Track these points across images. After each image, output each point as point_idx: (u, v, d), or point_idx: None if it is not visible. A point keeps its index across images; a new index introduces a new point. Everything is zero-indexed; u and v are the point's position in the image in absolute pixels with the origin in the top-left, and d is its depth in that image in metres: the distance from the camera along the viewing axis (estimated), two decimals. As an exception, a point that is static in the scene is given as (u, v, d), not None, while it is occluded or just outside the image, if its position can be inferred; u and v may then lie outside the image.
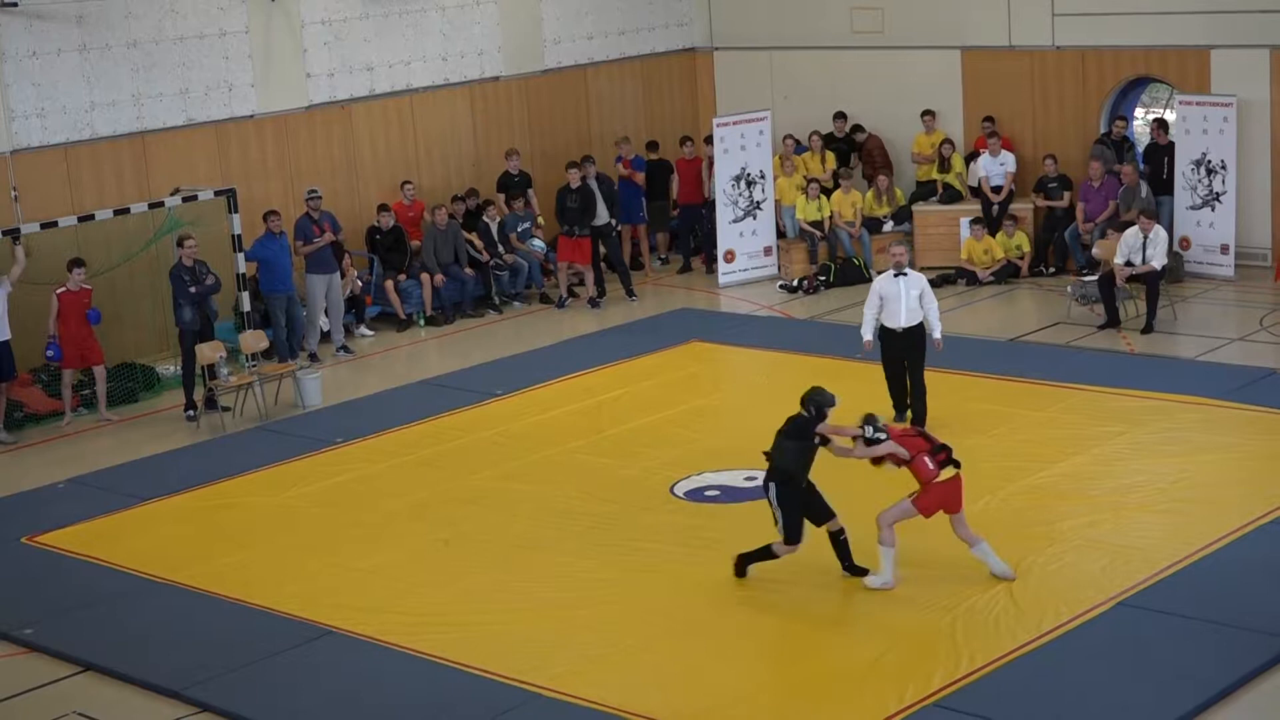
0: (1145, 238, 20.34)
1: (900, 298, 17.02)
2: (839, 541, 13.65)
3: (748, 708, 11.71)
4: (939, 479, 13.33)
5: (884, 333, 17.24)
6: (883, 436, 13.38)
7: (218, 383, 19.65)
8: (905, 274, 17.11)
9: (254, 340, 20.41)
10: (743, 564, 13.79)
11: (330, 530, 15.65)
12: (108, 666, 13.13)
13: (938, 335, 17.28)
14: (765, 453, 13.58)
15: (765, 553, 13.66)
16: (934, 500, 13.36)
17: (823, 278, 23.81)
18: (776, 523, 13.55)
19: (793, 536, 13.48)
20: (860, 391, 18.19)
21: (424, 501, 16.22)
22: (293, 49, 22.97)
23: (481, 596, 13.88)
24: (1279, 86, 22.24)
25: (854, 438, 13.49)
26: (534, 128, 25.69)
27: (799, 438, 13.45)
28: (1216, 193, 22.40)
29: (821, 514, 13.63)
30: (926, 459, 13.33)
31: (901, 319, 17.07)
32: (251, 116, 22.63)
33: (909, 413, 17.24)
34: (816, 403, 13.49)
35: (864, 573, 13.52)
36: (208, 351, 19.53)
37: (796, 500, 13.46)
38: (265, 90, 22.70)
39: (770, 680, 12.10)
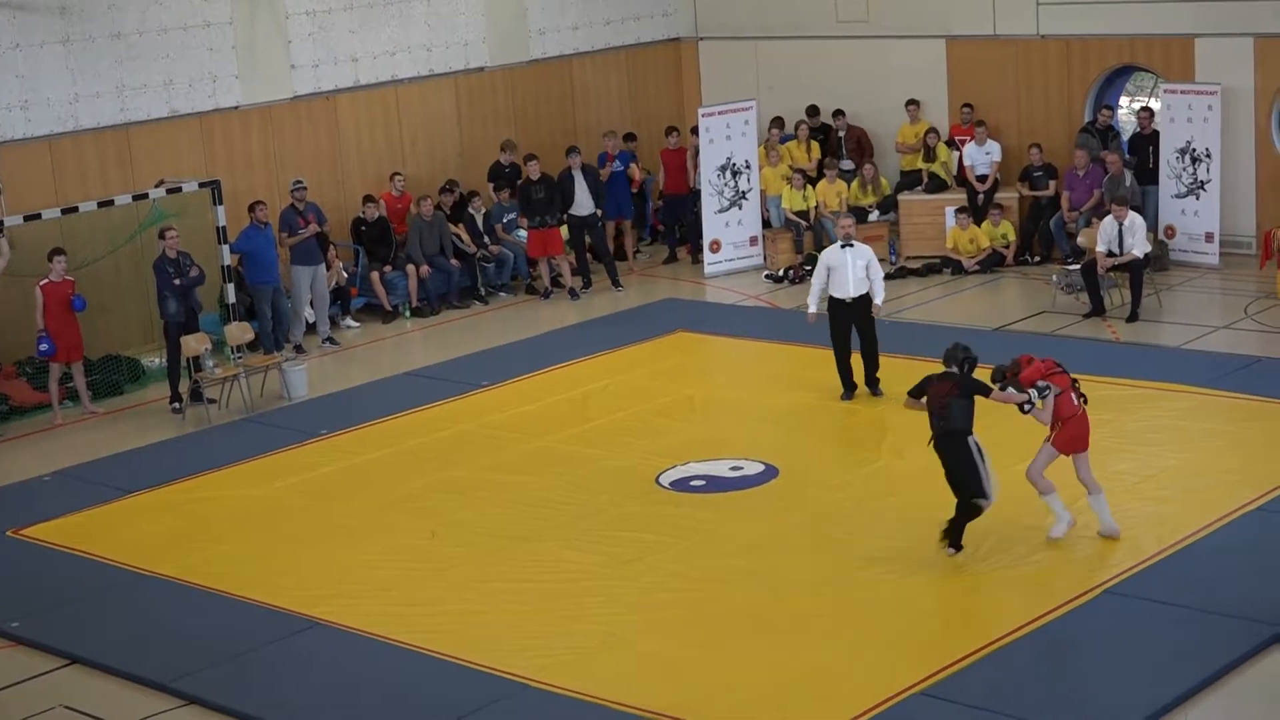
0: (1121, 226, 20.36)
1: (848, 267, 17.61)
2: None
3: (736, 698, 11.72)
4: (1077, 414, 13.52)
5: (833, 304, 17.75)
6: (1050, 391, 13.51)
7: (203, 375, 19.61)
8: (852, 245, 17.73)
9: (239, 332, 20.38)
10: (956, 536, 13.65)
11: (316, 522, 15.64)
12: (94, 660, 13.12)
13: (878, 301, 17.84)
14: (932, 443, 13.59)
15: (966, 515, 13.57)
16: (1070, 436, 13.53)
17: (808, 267, 23.78)
18: (960, 486, 13.51)
19: (983, 490, 13.48)
20: (832, 382, 18.23)
21: (410, 493, 16.21)
22: (277, 40, 22.92)
23: (468, 587, 13.88)
24: (1263, 74, 22.27)
25: (1021, 404, 13.62)
26: (519, 118, 25.66)
27: (967, 397, 13.49)
28: (1201, 181, 22.43)
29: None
30: (1071, 394, 13.57)
31: (850, 289, 17.62)
32: (236, 108, 22.58)
33: (847, 393, 17.84)
34: (968, 359, 13.64)
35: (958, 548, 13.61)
36: (193, 344, 19.49)
37: (971, 456, 13.48)
38: (250, 82, 22.64)
39: (758, 670, 12.11)
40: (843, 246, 17.74)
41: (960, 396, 13.53)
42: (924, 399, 13.79)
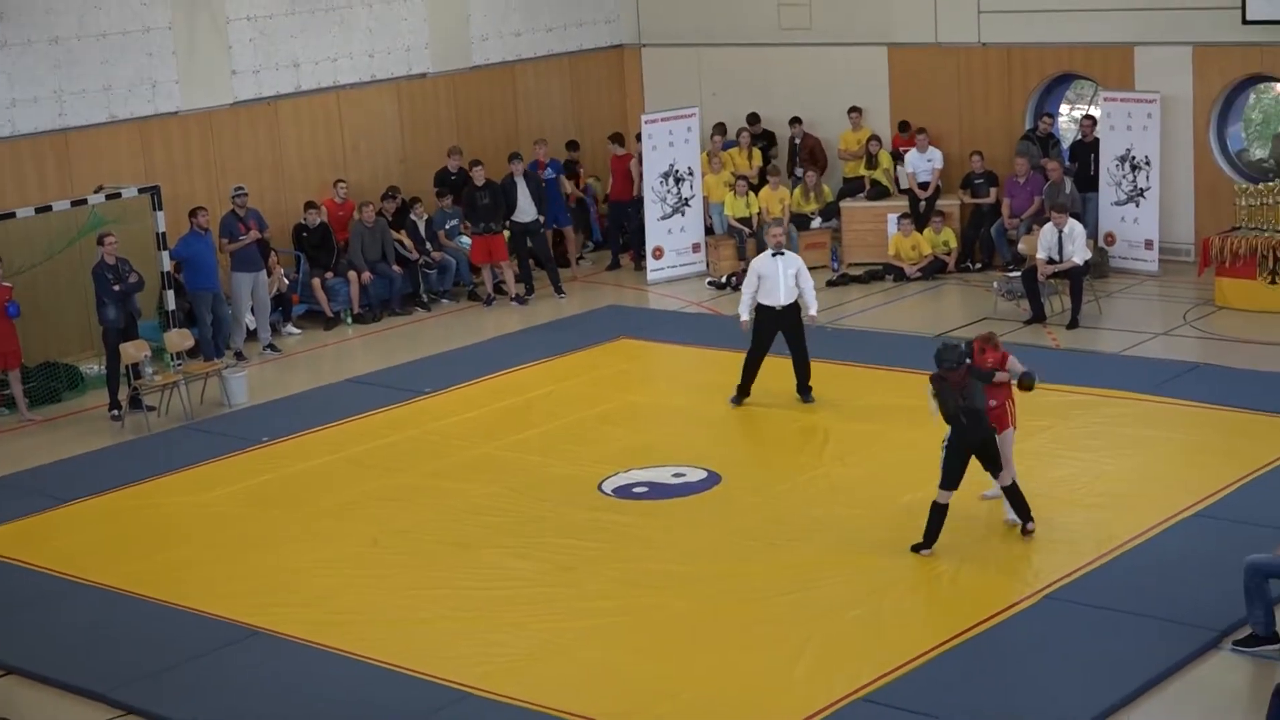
0: (1061, 233, 20.48)
1: (779, 276, 17.76)
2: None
3: (677, 704, 11.70)
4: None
5: (762, 310, 17.84)
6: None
7: (142, 382, 19.48)
8: (782, 254, 17.88)
9: (179, 339, 20.24)
10: (1025, 512, 13.95)
11: (257, 530, 15.55)
12: (32, 669, 12.99)
13: (813, 312, 18.01)
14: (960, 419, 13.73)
15: (1019, 496, 13.95)
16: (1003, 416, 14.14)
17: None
18: (993, 460, 13.83)
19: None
20: (786, 389, 18.27)
21: (352, 500, 16.14)
22: (218, 46, 22.80)
23: (409, 595, 13.82)
24: (1201, 83, 22.45)
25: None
26: (462, 125, 25.61)
27: (980, 379, 13.80)
28: (1140, 188, 22.58)
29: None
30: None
31: (780, 297, 17.77)
32: (176, 113, 22.45)
33: (738, 398, 18.00)
34: (961, 353, 13.79)
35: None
36: (132, 350, 19.35)
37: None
38: (189, 87, 22.52)
39: (699, 677, 12.10)
40: (773, 255, 17.85)
41: (975, 379, 13.78)
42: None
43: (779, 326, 17.87)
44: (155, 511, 16.26)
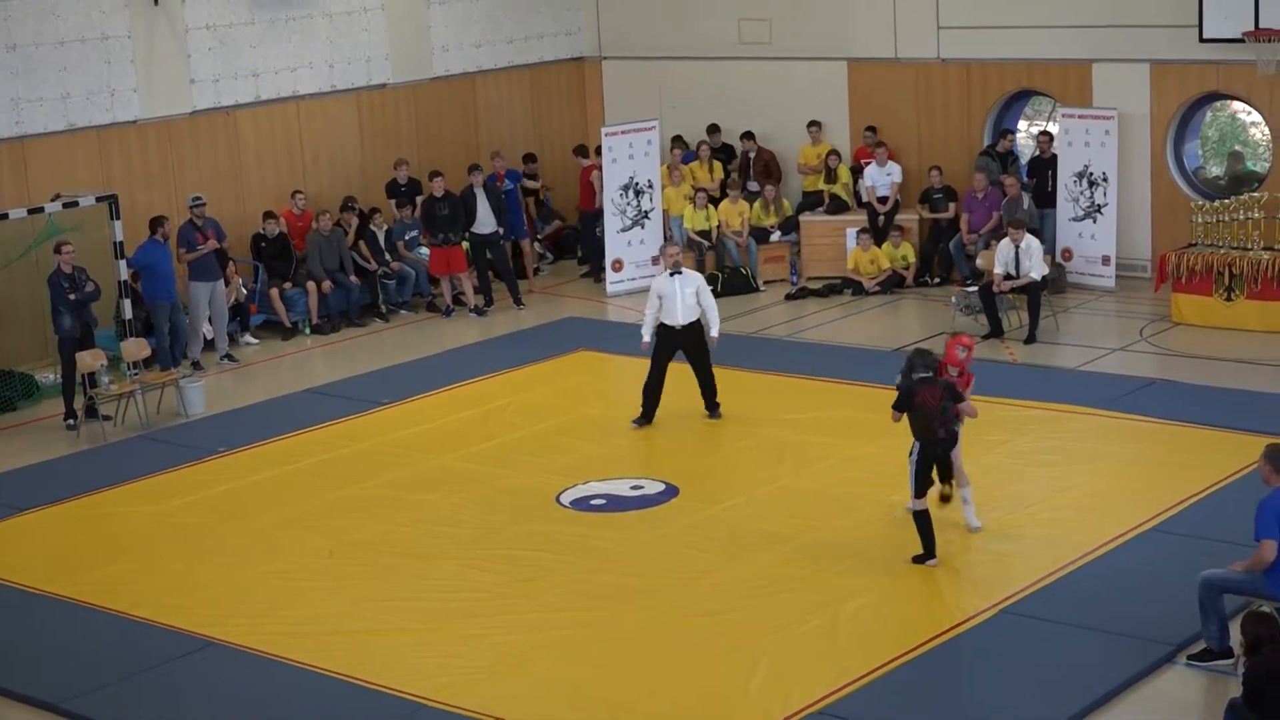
0: (1018, 248, 20.57)
1: (677, 295, 17.69)
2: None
3: (634, 718, 11.70)
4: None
5: (664, 330, 17.76)
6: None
7: (98, 391, 19.38)
8: (681, 273, 17.83)
9: (136, 348, 20.15)
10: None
11: (213, 540, 15.48)
12: (-16, 680, 12.91)
13: (715, 334, 17.89)
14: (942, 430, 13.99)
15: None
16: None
17: (710, 287, 23.80)
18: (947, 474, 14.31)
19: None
20: (744, 402, 18.29)
21: (308, 511, 16.08)
22: (177, 54, 22.72)
23: (366, 606, 13.78)
24: (1158, 100, 22.58)
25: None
26: (422, 135, 25.58)
27: (953, 400, 14.02)
28: (1098, 205, 22.69)
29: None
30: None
31: (679, 316, 17.69)
32: (134, 122, 22.36)
33: (641, 421, 17.87)
34: (935, 358, 14.19)
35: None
36: (88, 359, 19.25)
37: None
38: (148, 96, 22.43)
39: (656, 690, 12.09)
40: (671, 274, 17.75)
41: (950, 401, 13.92)
42: (908, 407, 13.94)
43: (679, 345, 17.80)
44: (110, 522, 16.16)
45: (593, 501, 15.92)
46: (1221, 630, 11.89)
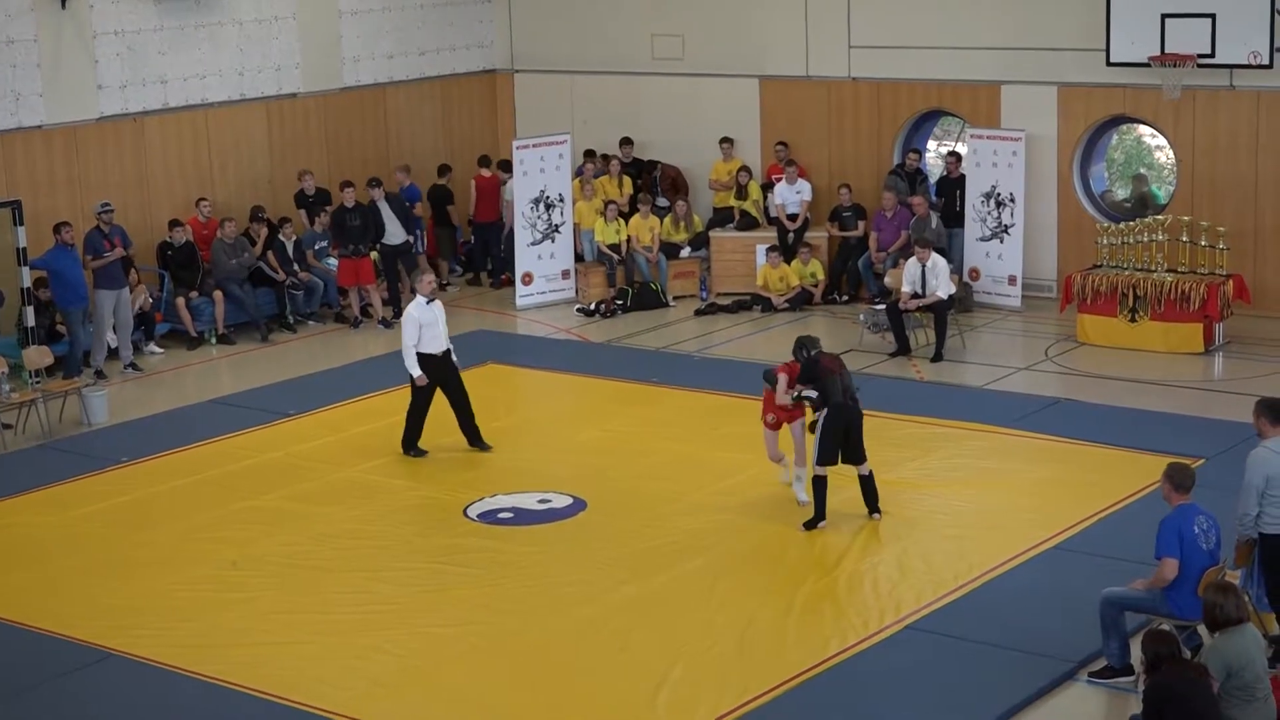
0: (925, 267, 20.71)
1: (438, 323, 17.49)
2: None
3: (539, 731, 11.68)
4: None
5: (423, 360, 17.46)
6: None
7: (-1, 399, 19.16)
8: (435, 300, 17.64)
9: (38, 356, 19.91)
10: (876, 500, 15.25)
11: (115, 551, 15.32)
12: (-123, 691, 12.70)
13: (455, 358, 17.72)
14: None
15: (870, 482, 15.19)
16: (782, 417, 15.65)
17: (620, 301, 23.88)
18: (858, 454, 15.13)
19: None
20: (653, 416, 18.31)
21: (212, 522, 15.93)
22: (84, 59, 22.48)
23: (270, 619, 13.67)
24: (1065, 122, 22.81)
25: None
26: (332, 145, 25.45)
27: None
28: (1005, 225, 22.88)
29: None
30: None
31: (442, 343, 17.51)
32: (40, 127, 22.10)
33: (417, 450, 17.67)
34: (814, 342, 15.44)
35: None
36: (-11, 367, 19.03)
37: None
38: (54, 101, 22.18)
39: (562, 703, 12.06)
40: (428, 302, 17.49)
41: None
42: (816, 375, 14.96)
43: (442, 374, 17.57)
44: (10, 531, 15.96)
45: (500, 515, 15.88)
46: (1123, 648, 12.00)
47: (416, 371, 17.43)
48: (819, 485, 14.97)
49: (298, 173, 24.39)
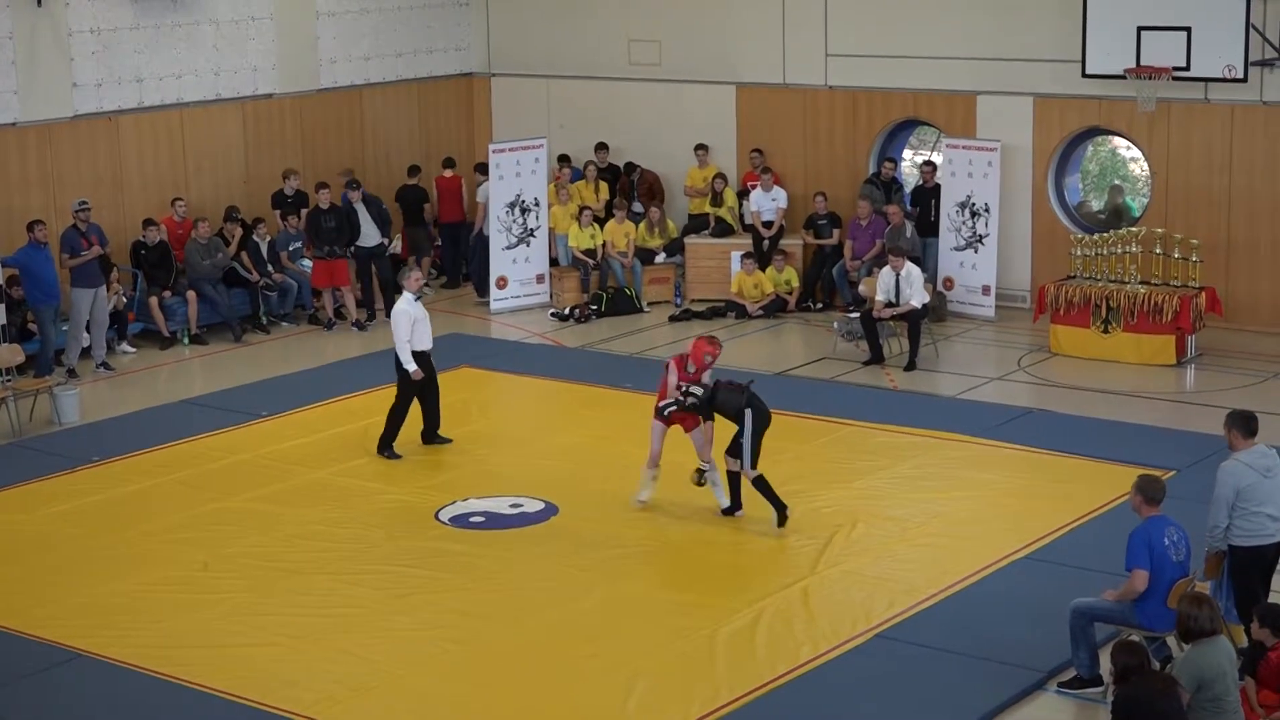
0: (899, 276, 20.75)
1: (426, 319, 17.62)
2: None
3: (508, 736, 11.67)
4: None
5: (419, 357, 17.54)
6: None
7: (-30, 397, 19.07)
8: (421, 297, 17.72)
9: (9, 354, 19.82)
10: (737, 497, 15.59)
11: (84, 551, 15.26)
12: None
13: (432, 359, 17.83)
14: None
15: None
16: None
17: (594, 307, 23.88)
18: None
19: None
20: (626, 422, 18.30)
21: (183, 523, 15.89)
22: (59, 57, 22.40)
23: (239, 620, 13.63)
24: (1041, 133, 22.88)
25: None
26: (308, 147, 25.39)
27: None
28: (979, 235, 22.94)
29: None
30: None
31: (429, 340, 17.63)
32: (14, 125, 22.02)
33: (392, 452, 17.66)
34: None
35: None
36: (-40, 365, 18.95)
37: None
38: (29, 98, 22.10)
39: (532, 708, 12.06)
40: (417, 299, 17.53)
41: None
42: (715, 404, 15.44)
43: (428, 372, 17.65)
44: (-21, 530, 15.90)
45: (472, 519, 15.86)
46: (1092, 658, 12.03)
47: (413, 366, 17.42)
48: (762, 484, 15.18)
49: (282, 172, 24.32)
